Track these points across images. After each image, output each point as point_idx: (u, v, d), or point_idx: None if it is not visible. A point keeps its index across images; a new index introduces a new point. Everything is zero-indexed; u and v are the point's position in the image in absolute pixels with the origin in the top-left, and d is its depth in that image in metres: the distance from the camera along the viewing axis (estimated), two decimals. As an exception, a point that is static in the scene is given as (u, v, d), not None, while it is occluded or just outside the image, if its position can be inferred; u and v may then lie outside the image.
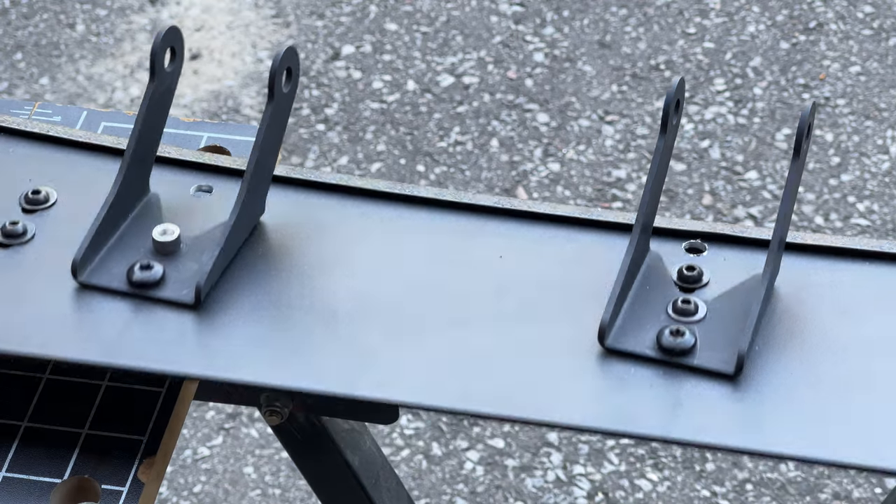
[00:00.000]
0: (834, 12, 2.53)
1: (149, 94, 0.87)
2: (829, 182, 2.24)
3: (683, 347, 0.79)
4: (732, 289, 0.83)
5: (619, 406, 0.78)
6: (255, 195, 0.87)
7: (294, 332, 0.83)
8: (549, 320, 0.83)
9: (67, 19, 2.57)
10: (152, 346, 0.82)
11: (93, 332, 0.83)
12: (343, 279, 0.86)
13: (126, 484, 0.85)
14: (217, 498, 1.88)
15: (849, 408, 0.77)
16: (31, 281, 0.86)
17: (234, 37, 2.52)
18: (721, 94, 2.39)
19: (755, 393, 0.78)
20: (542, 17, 2.54)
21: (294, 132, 2.34)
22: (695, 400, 0.78)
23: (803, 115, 0.79)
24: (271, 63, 0.85)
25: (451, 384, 0.80)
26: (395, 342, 0.82)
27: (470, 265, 0.86)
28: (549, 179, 2.25)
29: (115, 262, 0.86)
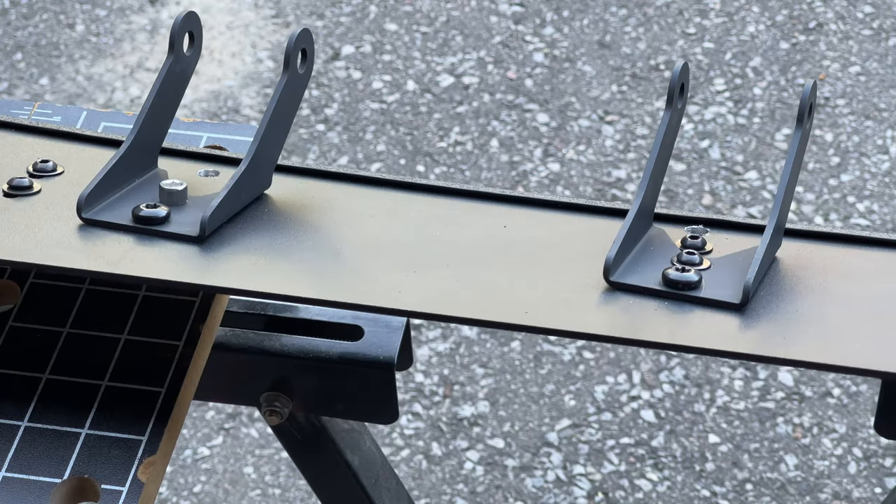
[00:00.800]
0: (834, 12, 2.54)
1: (165, 69, 0.88)
2: (829, 182, 2.24)
3: (689, 281, 0.79)
4: (735, 253, 0.83)
5: (626, 320, 0.78)
6: (264, 157, 0.88)
7: (298, 259, 0.83)
8: (554, 268, 0.83)
9: (67, 19, 2.57)
10: (156, 263, 0.83)
11: (98, 251, 0.84)
12: (346, 233, 0.86)
13: (126, 484, 0.85)
14: (217, 498, 1.88)
15: (855, 332, 0.77)
16: (38, 220, 0.87)
17: (234, 37, 2.53)
18: (721, 94, 2.39)
19: (761, 320, 0.77)
20: (541, 17, 2.55)
21: (294, 132, 2.34)
22: (701, 320, 0.77)
23: (804, 93, 0.79)
24: (286, 48, 0.86)
25: (462, 298, 0.79)
26: (400, 272, 0.82)
27: (475, 229, 0.87)
28: (549, 179, 2.25)
29: (121, 205, 0.86)
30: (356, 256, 0.84)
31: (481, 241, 0.85)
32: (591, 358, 2.01)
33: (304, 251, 0.85)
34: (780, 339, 0.76)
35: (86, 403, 0.87)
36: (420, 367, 2.01)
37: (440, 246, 0.85)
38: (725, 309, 0.78)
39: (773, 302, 0.79)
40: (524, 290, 0.81)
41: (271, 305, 1.04)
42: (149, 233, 0.85)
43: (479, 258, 0.84)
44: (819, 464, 1.89)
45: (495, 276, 0.82)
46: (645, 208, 0.83)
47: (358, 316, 1.02)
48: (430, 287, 0.81)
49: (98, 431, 0.86)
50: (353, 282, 0.82)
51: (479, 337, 2.04)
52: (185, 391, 0.88)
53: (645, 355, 2.01)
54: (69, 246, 0.84)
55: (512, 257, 0.84)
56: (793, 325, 0.77)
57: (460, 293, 0.80)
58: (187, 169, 0.92)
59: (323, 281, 0.82)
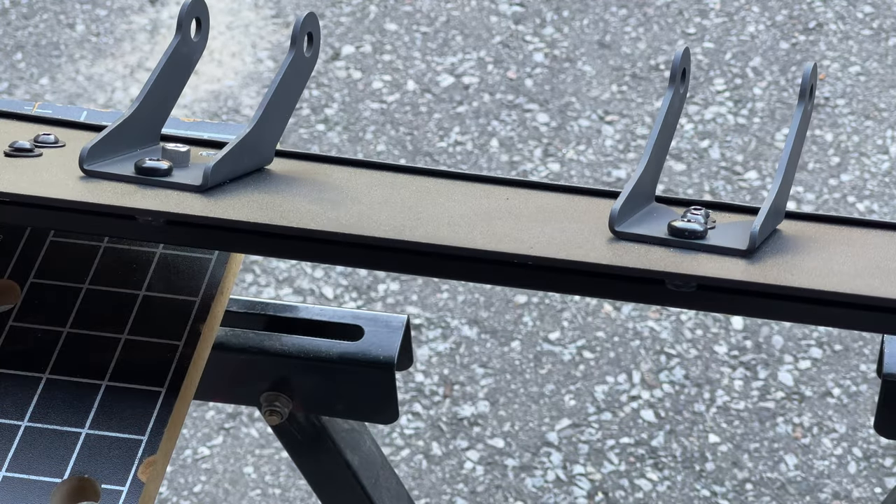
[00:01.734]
0: (833, 12, 2.54)
1: (172, 47, 0.89)
2: (829, 182, 2.24)
3: (695, 230, 0.79)
4: (739, 221, 0.83)
5: (631, 254, 0.78)
6: (267, 129, 0.88)
7: (303, 204, 0.84)
8: (561, 224, 0.83)
9: (67, 19, 2.57)
10: (159, 200, 0.83)
11: (101, 192, 0.84)
12: (352, 192, 0.86)
13: (126, 484, 0.85)
14: (217, 498, 1.88)
15: (857, 273, 0.77)
16: (42, 172, 0.87)
17: (234, 37, 2.53)
18: (721, 94, 2.39)
19: (767, 263, 0.77)
20: (541, 17, 2.55)
21: (294, 132, 2.34)
22: (708, 260, 0.77)
23: (805, 73, 0.79)
24: (292, 31, 0.88)
25: (469, 235, 0.79)
26: (407, 219, 0.82)
27: (479, 199, 0.87)
28: (549, 179, 2.25)
29: (123, 162, 0.87)
30: (360, 207, 0.84)
31: (485, 207, 0.86)
32: (591, 358, 2.01)
33: (306, 201, 0.85)
34: (787, 274, 0.76)
35: (86, 403, 0.87)
36: (420, 367, 2.01)
37: (444, 208, 0.85)
38: (732, 255, 0.78)
39: (778, 253, 0.79)
40: (530, 234, 0.81)
41: (271, 305, 1.04)
42: (152, 183, 0.85)
43: (485, 216, 0.84)
44: (819, 464, 1.89)
45: (502, 225, 0.82)
46: (648, 176, 0.83)
47: (358, 316, 1.02)
48: (436, 228, 0.81)
49: (98, 431, 0.86)
50: (359, 220, 0.82)
51: (479, 337, 2.05)
52: (185, 391, 0.88)
53: (644, 354, 2.01)
54: (72, 188, 0.85)
55: (517, 217, 0.84)
56: (797, 267, 0.77)
57: (467, 233, 0.80)
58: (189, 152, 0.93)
59: (326, 216, 0.82)
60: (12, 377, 0.88)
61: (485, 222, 0.82)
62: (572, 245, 0.79)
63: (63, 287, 0.93)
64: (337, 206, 0.84)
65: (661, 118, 0.82)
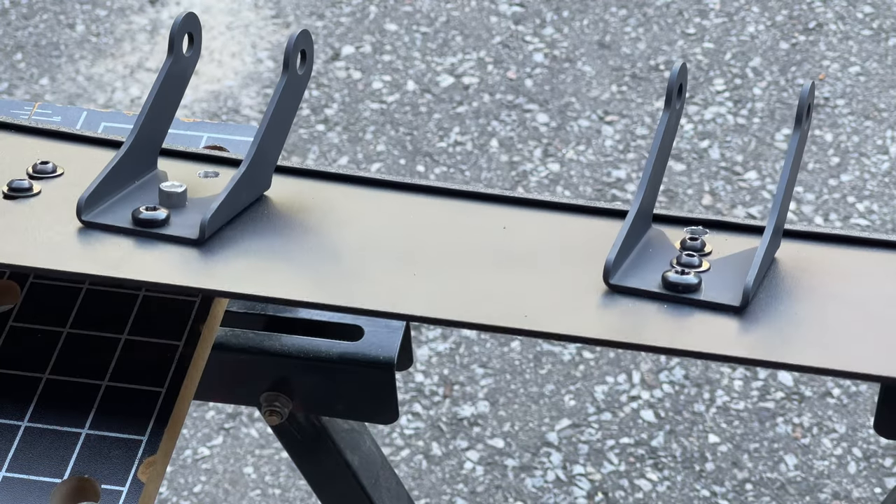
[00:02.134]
0: (833, 12, 2.54)
1: (165, 69, 0.88)
2: (829, 182, 2.24)
3: (689, 283, 0.79)
4: (734, 254, 0.83)
5: (625, 323, 0.78)
6: (264, 158, 0.88)
7: (298, 262, 0.83)
8: (554, 270, 0.83)
9: (67, 20, 2.57)
10: (156, 265, 0.83)
11: (98, 254, 0.84)
12: (348, 234, 0.86)
13: (126, 484, 0.85)
14: (217, 498, 1.88)
15: (854, 335, 0.77)
16: (38, 223, 0.87)
17: (234, 37, 2.53)
18: (721, 94, 2.39)
19: (760, 324, 0.77)
20: (541, 17, 2.55)
21: (294, 132, 2.34)
22: (701, 324, 0.77)
23: (803, 93, 0.79)
24: (285, 48, 0.86)
25: (457, 301, 0.79)
26: (400, 274, 0.82)
27: (474, 230, 0.87)
28: (549, 180, 2.25)
29: (121, 207, 0.86)
30: (355, 259, 0.84)
31: (480, 242, 0.85)
32: (590, 358, 2.01)
33: (303, 253, 0.84)
34: (779, 342, 0.76)
35: (86, 403, 0.87)
36: (420, 367, 2.01)
37: (439, 248, 0.85)
38: (725, 312, 0.78)
39: (772, 304, 0.79)
40: (523, 292, 0.81)
41: (271, 306, 1.04)
42: (148, 235, 0.85)
43: (479, 260, 0.84)
44: (819, 464, 1.89)
45: (494, 279, 0.82)
46: (644, 209, 0.83)
47: (358, 316, 1.02)
48: (430, 291, 0.81)
49: (98, 431, 0.86)
50: (352, 284, 0.82)
51: (479, 337, 2.04)
52: (185, 391, 0.88)
53: (645, 355, 2.01)
54: (68, 249, 0.84)
55: (511, 259, 0.84)
56: (792, 328, 0.77)
57: (459, 296, 0.80)
58: (187, 170, 0.92)
59: (321, 284, 0.82)
60: (12, 377, 0.88)
61: (480, 277, 0.82)
62: (566, 308, 0.79)
63: (63, 287, 0.93)
64: (329, 265, 0.83)
65: (659, 140, 0.82)
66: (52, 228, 0.86)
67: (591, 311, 0.79)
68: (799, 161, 0.81)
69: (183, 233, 0.85)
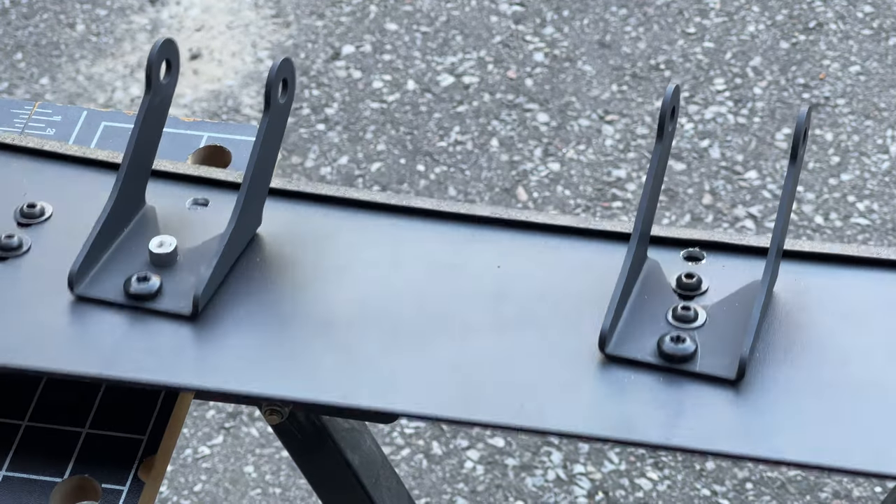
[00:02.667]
0: (834, 12, 2.54)
1: (145, 106, 0.86)
2: (829, 181, 2.24)
3: (684, 354, 0.78)
4: (732, 295, 0.82)
5: (619, 413, 0.77)
6: (252, 206, 0.87)
7: (291, 341, 0.82)
8: (549, 327, 0.82)
9: (67, 19, 2.57)
10: (150, 358, 0.81)
11: (90, 343, 0.82)
12: (340, 289, 0.85)
13: (126, 483, 0.85)
14: (217, 497, 1.88)
15: (851, 414, 0.76)
16: (28, 294, 0.85)
17: (234, 36, 2.53)
18: (721, 93, 2.39)
19: (757, 398, 0.77)
20: (541, 16, 2.55)
21: (294, 132, 2.34)
22: (696, 406, 0.77)
23: (799, 119, 0.78)
24: (267, 74, 0.84)
25: (450, 392, 0.79)
26: (393, 351, 0.81)
27: (468, 274, 0.86)
28: (549, 179, 2.25)
29: (112, 274, 0.85)
30: (349, 331, 0.82)
31: (475, 291, 0.84)
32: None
33: (297, 326, 0.83)
34: (778, 429, 0.75)
35: (86, 403, 0.87)
36: (420, 366, 2.01)
37: (434, 305, 0.83)
38: (721, 384, 0.77)
39: (768, 369, 0.78)
40: (519, 369, 0.80)
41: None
42: (141, 310, 0.83)
43: (473, 320, 0.82)
44: (819, 463, 1.89)
45: (490, 350, 0.81)
46: (638, 256, 0.82)
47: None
48: (424, 374, 0.79)
49: (98, 431, 0.86)
50: (346, 373, 0.80)
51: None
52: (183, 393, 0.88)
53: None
54: (60, 335, 0.82)
55: (506, 315, 0.83)
56: (790, 412, 0.76)
57: (454, 383, 0.79)
58: (176, 200, 0.90)
59: (316, 376, 0.80)
60: (12, 377, 0.88)
61: (475, 348, 0.80)
62: (562, 389, 0.78)
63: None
64: (322, 343, 0.82)
65: (653, 171, 0.81)
66: (44, 302, 0.84)
67: (588, 392, 0.78)
68: (793, 199, 0.80)
69: (176, 306, 0.83)
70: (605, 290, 0.82)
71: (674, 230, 0.87)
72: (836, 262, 0.85)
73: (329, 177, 2.26)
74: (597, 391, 0.78)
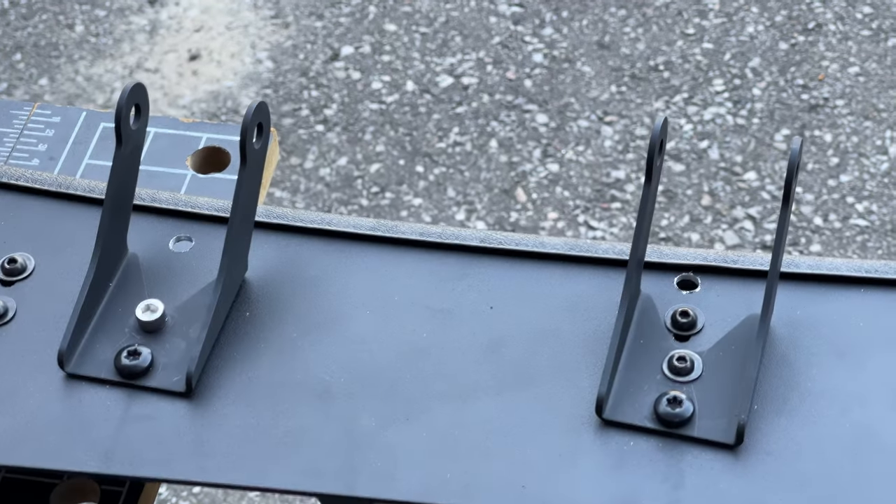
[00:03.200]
0: (833, 13, 2.54)
1: (116, 160, 0.82)
2: (828, 183, 2.24)
3: (682, 418, 0.77)
4: (728, 336, 0.81)
5: (621, 490, 0.76)
6: (237, 260, 0.84)
7: (287, 417, 0.80)
8: (545, 383, 0.80)
9: (66, 20, 2.57)
10: (148, 448, 0.79)
11: (86, 435, 0.79)
12: (332, 347, 0.83)
13: (125, 485, 0.85)
14: (216, 498, 1.88)
15: (852, 473, 0.75)
16: (18, 374, 0.82)
17: (234, 37, 2.53)
18: (720, 94, 2.39)
19: (757, 463, 0.76)
20: (540, 17, 2.55)
21: (293, 133, 2.34)
22: (696, 476, 0.76)
23: (792, 155, 0.76)
24: (242, 122, 0.80)
25: (450, 472, 0.77)
26: (391, 423, 0.79)
27: (460, 319, 0.84)
28: (549, 180, 2.25)
29: (101, 344, 0.82)
30: (346, 399, 0.80)
31: (469, 343, 0.82)
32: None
33: (292, 398, 0.80)
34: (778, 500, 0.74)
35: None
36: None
37: (428, 362, 0.81)
38: (720, 448, 0.77)
39: (767, 425, 0.77)
40: (518, 440, 0.78)
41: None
42: (134, 387, 0.81)
43: (469, 380, 0.80)
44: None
45: (487, 416, 0.79)
46: (632, 300, 0.80)
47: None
48: (423, 459, 0.77)
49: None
50: (346, 455, 0.78)
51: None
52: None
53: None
54: (56, 429, 0.79)
55: (502, 370, 0.81)
56: (790, 477, 0.75)
57: (454, 464, 0.77)
58: (158, 238, 0.88)
59: (316, 459, 0.78)
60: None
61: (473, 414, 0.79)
62: (559, 470, 0.77)
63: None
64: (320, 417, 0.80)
65: (643, 213, 0.79)
66: (35, 382, 0.81)
67: (587, 464, 0.77)
68: (785, 240, 0.79)
69: (169, 382, 0.81)
70: (600, 332, 0.81)
71: (666, 253, 0.85)
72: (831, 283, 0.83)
73: (328, 178, 2.26)
74: (597, 463, 0.77)
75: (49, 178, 0.92)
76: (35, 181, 0.92)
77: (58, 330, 0.83)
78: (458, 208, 2.22)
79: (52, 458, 0.78)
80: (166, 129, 1.03)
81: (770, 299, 0.79)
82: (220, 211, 0.90)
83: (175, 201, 0.90)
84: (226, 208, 0.89)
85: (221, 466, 0.78)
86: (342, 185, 2.26)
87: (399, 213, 2.21)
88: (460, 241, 0.87)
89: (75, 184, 0.92)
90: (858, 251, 2.15)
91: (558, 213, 2.21)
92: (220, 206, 0.90)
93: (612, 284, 0.84)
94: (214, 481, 0.78)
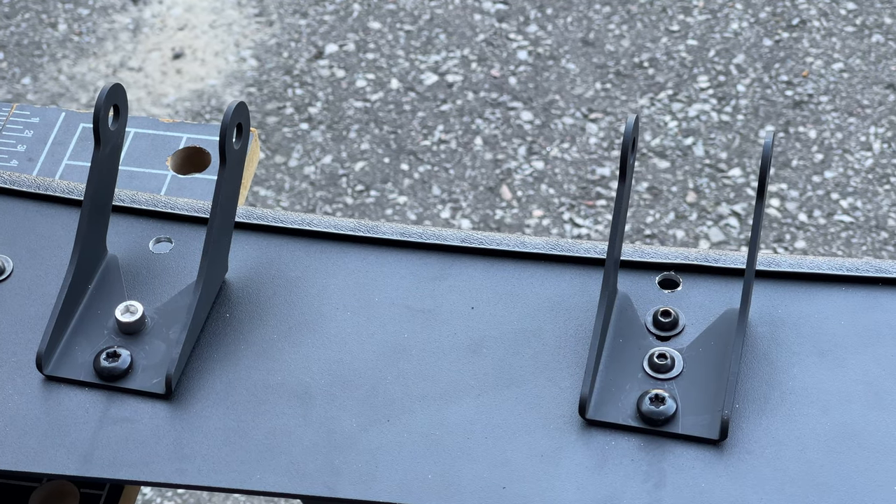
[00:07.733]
0: (817, 9, 2.54)
1: (95, 161, 0.82)
2: (813, 179, 2.24)
3: (665, 416, 0.77)
4: (707, 331, 0.81)
5: (603, 489, 0.75)
6: (217, 262, 0.84)
7: (267, 418, 0.79)
8: (527, 383, 0.80)
9: (49, 19, 2.56)
10: (127, 450, 0.78)
11: (66, 438, 0.78)
12: (313, 348, 0.82)
13: (105, 487, 0.85)
14: (201, 498, 1.87)
15: (833, 472, 0.75)
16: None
17: (217, 36, 2.52)
18: (704, 91, 2.39)
19: (738, 462, 0.76)
20: (525, 15, 2.54)
21: (278, 131, 2.34)
22: (677, 475, 0.76)
23: (765, 148, 0.76)
24: (221, 122, 0.80)
25: (430, 472, 0.77)
26: (372, 424, 0.79)
27: (441, 319, 0.83)
28: (534, 177, 2.25)
29: (80, 346, 0.82)
30: (327, 400, 0.80)
31: (451, 343, 0.82)
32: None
33: (273, 399, 0.80)
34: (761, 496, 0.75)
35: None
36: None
37: (410, 363, 0.81)
38: (703, 443, 0.77)
39: (748, 423, 0.77)
40: (499, 441, 0.78)
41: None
42: (114, 389, 0.80)
43: (450, 381, 0.80)
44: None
45: (468, 418, 0.78)
46: (610, 300, 0.80)
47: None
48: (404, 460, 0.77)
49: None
50: (327, 457, 0.78)
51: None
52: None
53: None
54: (35, 431, 0.79)
55: (483, 371, 0.80)
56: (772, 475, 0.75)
57: (434, 466, 0.77)
58: (138, 239, 0.87)
59: (296, 461, 0.77)
60: None
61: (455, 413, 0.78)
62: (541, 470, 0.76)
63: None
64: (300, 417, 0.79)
65: (618, 211, 0.79)
66: (14, 384, 0.80)
67: (570, 464, 0.76)
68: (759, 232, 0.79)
69: (149, 384, 0.80)
70: (581, 331, 0.81)
71: (648, 252, 0.84)
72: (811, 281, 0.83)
73: (313, 176, 2.26)
74: (579, 463, 0.77)
75: (28, 179, 0.92)
76: (13, 182, 0.92)
77: (36, 332, 0.82)
78: (444, 206, 2.22)
79: (30, 461, 0.78)
80: (146, 130, 1.02)
81: (748, 288, 0.79)
82: (199, 212, 0.89)
83: (155, 202, 0.90)
84: (206, 209, 0.89)
85: (201, 469, 0.77)
86: (327, 184, 2.26)
87: (384, 211, 2.21)
88: (441, 241, 0.86)
89: (54, 185, 0.91)
90: (843, 247, 2.15)
91: (543, 211, 2.21)
92: (199, 207, 0.89)
93: (593, 284, 0.83)
94: (194, 484, 0.77)
